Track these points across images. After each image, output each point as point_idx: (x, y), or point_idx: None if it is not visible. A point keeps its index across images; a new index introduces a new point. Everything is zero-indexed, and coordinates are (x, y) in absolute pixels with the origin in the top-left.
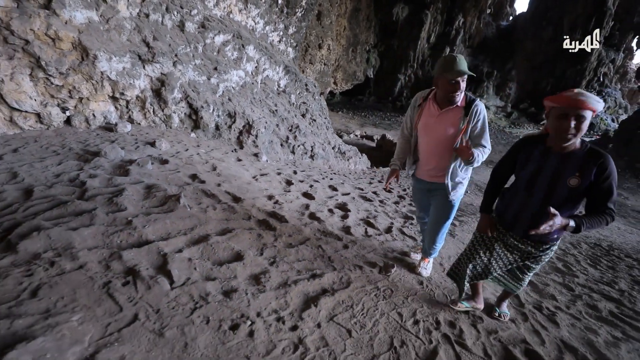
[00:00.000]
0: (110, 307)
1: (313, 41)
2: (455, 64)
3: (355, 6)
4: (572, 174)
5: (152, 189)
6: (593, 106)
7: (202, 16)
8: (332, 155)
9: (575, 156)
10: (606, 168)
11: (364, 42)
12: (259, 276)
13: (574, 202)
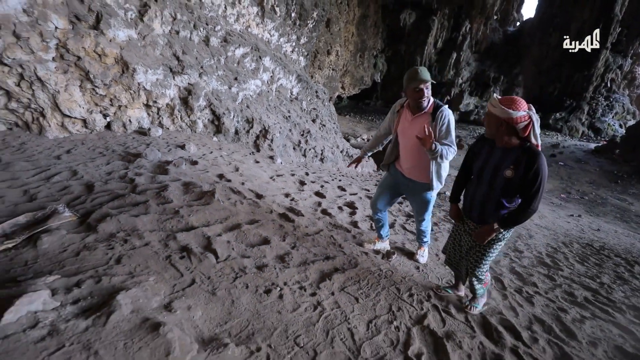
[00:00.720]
0: (174, 274)
1: (322, 47)
2: (418, 74)
3: (364, 13)
4: (507, 167)
5: (190, 185)
6: (489, 109)
7: (224, 31)
8: (341, 158)
9: (513, 152)
10: (534, 164)
11: (371, 47)
12: (284, 256)
13: (510, 193)
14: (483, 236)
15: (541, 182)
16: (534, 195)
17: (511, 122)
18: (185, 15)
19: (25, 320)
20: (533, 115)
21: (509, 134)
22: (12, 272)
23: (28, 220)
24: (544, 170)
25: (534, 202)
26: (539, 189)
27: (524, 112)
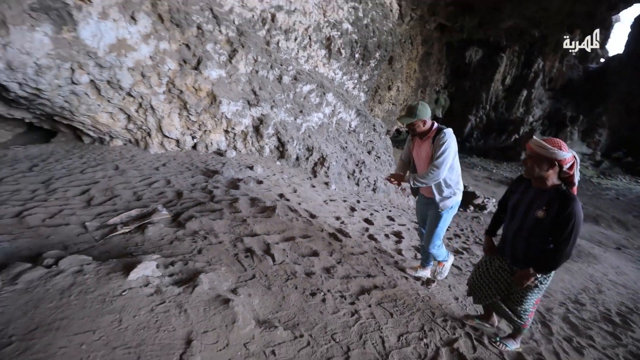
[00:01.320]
0: (239, 268)
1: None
2: (400, 119)
3: (427, 51)
4: (540, 207)
5: (256, 200)
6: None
7: (295, 71)
8: (393, 190)
9: (547, 193)
10: (567, 207)
11: (433, 83)
12: (329, 268)
13: (539, 234)
14: (521, 280)
15: (574, 227)
16: (566, 240)
17: (562, 162)
18: (265, 58)
19: (141, 280)
20: (576, 156)
21: (555, 174)
22: (128, 249)
23: (138, 214)
24: (577, 215)
25: (566, 247)
26: (570, 233)
27: (571, 153)
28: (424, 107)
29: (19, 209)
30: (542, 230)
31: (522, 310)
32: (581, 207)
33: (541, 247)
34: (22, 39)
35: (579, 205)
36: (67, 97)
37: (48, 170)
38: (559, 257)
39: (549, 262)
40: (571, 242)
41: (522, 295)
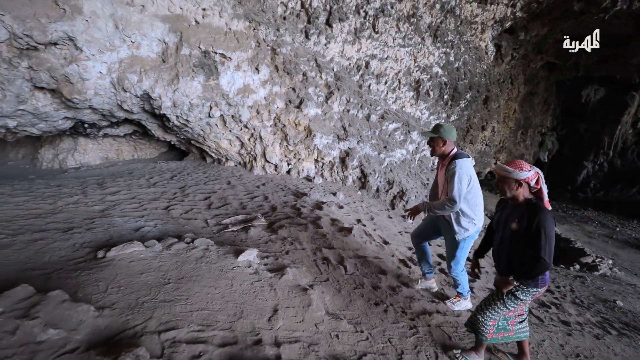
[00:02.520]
0: (316, 271)
1: (476, 123)
2: (424, 132)
3: (531, 90)
4: (514, 220)
5: (335, 221)
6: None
7: (383, 110)
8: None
9: (520, 207)
10: (535, 218)
11: (537, 124)
12: (395, 288)
13: (518, 245)
14: (500, 285)
15: (545, 236)
16: (541, 248)
17: (526, 180)
18: (356, 99)
19: (245, 262)
20: (539, 172)
21: (525, 190)
22: (236, 242)
23: (243, 219)
24: (545, 223)
25: (542, 254)
26: (543, 242)
27: (533, 170)
28: (449, 128)
29: (166, 204)
30: (519, 241)
31: (481, 320)
32: (551, 217)
33: (521, 257)
34: (185, 86)
35: (547, 214)
36: (203, 126)
37: (183, 180)
38: (535, 265)
39: (527, 270)
40: (546, 250)
41: (487, 306)
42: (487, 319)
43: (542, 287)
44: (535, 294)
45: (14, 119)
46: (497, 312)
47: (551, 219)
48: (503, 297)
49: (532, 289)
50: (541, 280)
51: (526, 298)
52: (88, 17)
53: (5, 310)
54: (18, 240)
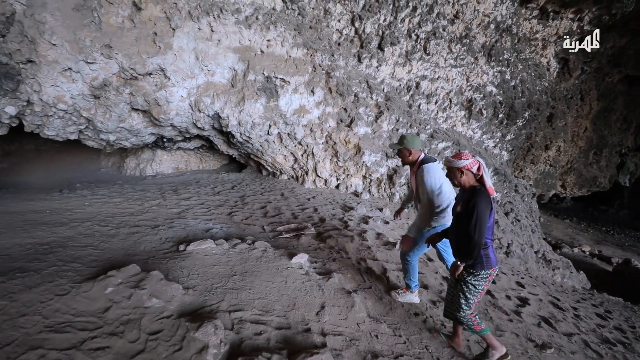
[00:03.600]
0: (360, 279)
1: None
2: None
3: (606, 106)
4: (459, 205)
5: (380, 235)
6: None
7: (432, 129)
8: (532, 259)
9: (466, 193)
10: (471, 199)
11: (615, 144)
12: (436, 302)
13: (459, 227)
14: (453, 272)
15: (477, 215)
16: (473, 227)
17: (466, 167)
18: (405, 118)
19: (297, 265)
20: (479, 159)
21: (469, 177)
22: (289, 247)
23: (295, 227)
24: (479, 204)
25: (473, 232)
26: (475, 220)
27: (473, 159)
28: (412, 138)
29: (229, 210)
30: (461, 224)
31: (461, 315)
32: (485, 199)
33: (462, 239)
34: (249, 107)
35: (483, 197)
36: (262, 143)
37: (242, 190)
38: (468, 244)
39: (463, 247)
40: (475, 228)
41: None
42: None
43: (488, 268)
44: (487, 277)
45: (114, 134)
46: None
47: (485, 201)
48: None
49: (479, 271)
50: (486, 262)
51: (480, 282)
52: (176, 52)
53: (122, 281)
54: (121, 232)
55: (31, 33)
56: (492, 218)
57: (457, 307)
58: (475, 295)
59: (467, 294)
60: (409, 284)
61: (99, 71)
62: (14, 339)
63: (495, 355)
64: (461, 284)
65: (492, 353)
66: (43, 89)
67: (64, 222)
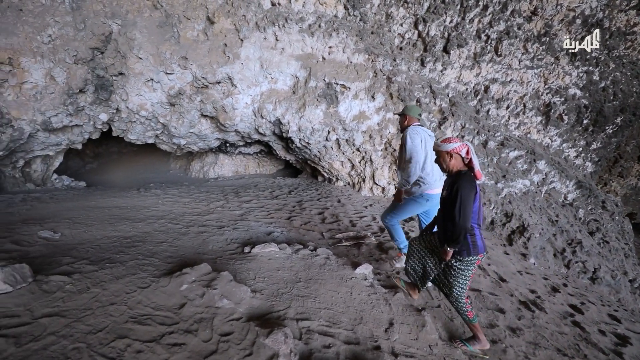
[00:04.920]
0: (427, 296)
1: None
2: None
3: None
4: (444, 189)
5: None
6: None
7: (502, 137)
8: (627, 289)
9: (452, 177)
10: (455, 183)
11: None
12: (515, 329)
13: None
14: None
15: (460, 198)
16: (458, 210)
17: (455, 151)
18: (472, 125)
19: (361, 275)
20: (469, 144)
21: (457, 161)
22: (349, 256)
23: (354, 235)
24: (463, 186)
25: (457, 216)
26: (459, 204)
27: (461, 143)
28: (412, 107)
29: (288, 215)
30: (447, 208)
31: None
32: (470, 182)
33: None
34: (309, 113)
35: (467, 179)
36: (320, 148)
37: (299, 195)
38: (455, 227)
39: (449, 234)
40: (460, 211)
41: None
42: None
43: (475, 254)
44: (474, 262)
45: (184, 139)
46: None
47: (469, 184)
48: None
49: (466, 257)
50: (473, 247)
51: (468, 267)
52: (243, 61)
53: (196, 279)
54: (191, 231)
55: (123, 49)
56: (477, 202)
57: (450, 289)
58: (465, 280)
59: (459, 279)
60: (400, 247)
61: (176, 81)
62: (105, 326)
63: (477, 346)
64: (449, 269)
65: (473, 343)
66: (129, 98)
67: (142, 219)
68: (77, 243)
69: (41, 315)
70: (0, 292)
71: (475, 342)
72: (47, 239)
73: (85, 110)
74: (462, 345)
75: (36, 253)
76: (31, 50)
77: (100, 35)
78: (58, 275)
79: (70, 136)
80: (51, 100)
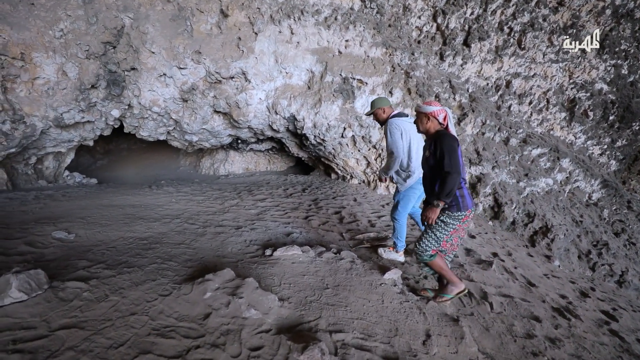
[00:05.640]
0: (459, 303)
1: None
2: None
3: None
4: (427, 149)
5: (470, 251)
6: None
7: (525, 134)
8: None
9: (432, 137)
10: (436, 140)
11: None
12: (554, 340)
13: (432, 170)
14: (429, 215)
15: (446, 151)
16: (448, 162)
17: (434, 114)
18: (493, 121)
19: (390, 281)
20: (447, 110)
21: (434, 124)
22: (372, 258)
23: (375, 236)
24: (444, 142)
25: (446, 168)
26: (447, 158)
27: (440, 107)
28: (380, 99)
29: (304, 214)
30: (432, 166)
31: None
32: (450, 136)
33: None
34: (325, 109)
35: (447, 135)
36: (335, 146)
37: (314, 193)
38: (446, 178)
39: (440, 185)
40: (450, 163)
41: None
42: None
43: (464, 209)
44: (462, 218)
45: (197, 135)
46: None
47: (451, 137)
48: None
49: (455, 212)
50: (462, 202)
51: (453, 222)
52: (257, 55)
53: (219, 287)
54: (208, 232)
55: (136, 43)
56: (460, 157)
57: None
58: (444, 233)
59: (437, 232)
60: (396, 243)
61: (189, 76)
62: (127, 339)
63: (454, 291)
64: (437, 224)
65: (450, 289)
66: (142, 94)
67: (157, 218)
68: (92, 245)
69: (58, 327)
70: (15, 301)
71: (450, 287)
72: (61, 240)
73: (97, 106)
74: (443, 298)
75: (51, 255)
76: (43, 45)
77: (112, 29)
78: (75, 282)
79: (82, 132)
80: (63, 96)
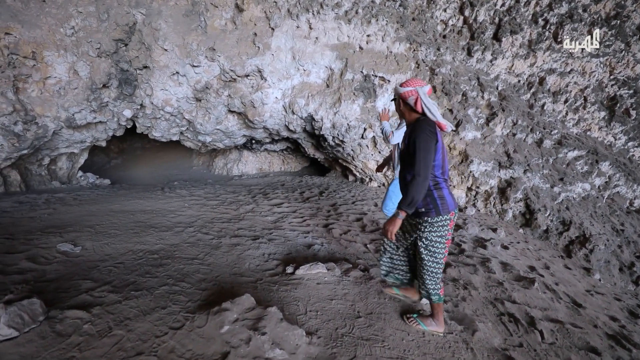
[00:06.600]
0: (504, 330)
1: None
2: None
3: None
4: (403, 141)
5: (507, 266)
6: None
7: (560, 135)
8: None
9: (409, 128)
10: (410, 133)
11: None
12: None
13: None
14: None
15: (417, 147)
16: (418, 161)
17: (403, 97)
18: (525, 121)
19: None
20: (419, 90)
21: (407, 110)
22: None
23: None
24: (419, 133)
25: (415, 166)
26: (418, 156)
27: (410, 87)
28: None
29: (324, 222)
30: (406, 162)
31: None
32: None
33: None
34: (345, 109)
35: (422, 125)
36: (355, 147)
37: (332, 197)
38: (412, 180)
39: (404, 192)
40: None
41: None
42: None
43: (445, 212)
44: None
45: (210, 136)
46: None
47: (428, 130)
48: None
49: (435, 217)
50: (442, 205)
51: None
52: (274, 52)
53: (238, 318)
54: (223, 243)
55: (148, 40)
56: (440, 152)
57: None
58: (443, 248)
59: (435, 251)
60: None
61: (202, 74)
62: None
63: (432, 328)
64: (423, 243)
65: (430, 323)
66: (154, 93)
67: (168, 227)
68: (99, 260)
69: None
70: (4, 339)
71: (433, 322)
72: (66, 254)
73: (109, 106)
74: (414, 322)
75: (53, 274)
76: (54, 43)
77: (124, 26)
78: (75, 310)
79: (94, 133)
80: (74, 96)
